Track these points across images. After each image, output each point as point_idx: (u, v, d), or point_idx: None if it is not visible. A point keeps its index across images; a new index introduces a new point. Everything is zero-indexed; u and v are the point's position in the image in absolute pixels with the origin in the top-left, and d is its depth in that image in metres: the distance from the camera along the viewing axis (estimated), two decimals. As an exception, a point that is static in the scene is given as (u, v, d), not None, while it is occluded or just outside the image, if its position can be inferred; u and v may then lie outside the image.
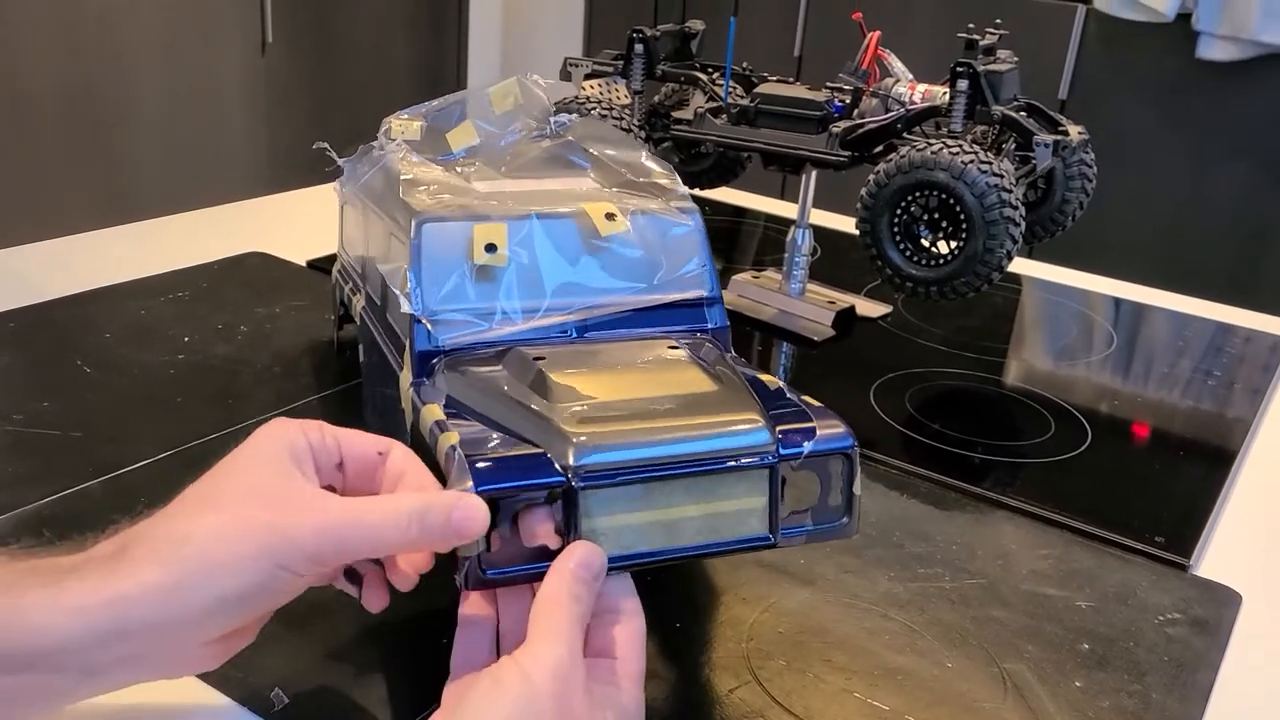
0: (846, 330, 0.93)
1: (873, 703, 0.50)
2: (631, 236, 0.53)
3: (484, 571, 0.42)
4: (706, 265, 0.55)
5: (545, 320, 0.51)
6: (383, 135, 0.61)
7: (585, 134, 0.62)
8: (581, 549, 0.41)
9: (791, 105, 0.86)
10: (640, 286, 0.53)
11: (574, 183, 0.59)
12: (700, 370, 0.48)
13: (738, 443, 0.44)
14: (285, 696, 0.47)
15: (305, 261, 0.98)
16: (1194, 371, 0.92)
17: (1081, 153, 0.85)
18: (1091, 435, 0.78)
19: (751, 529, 0.45)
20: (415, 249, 0.51)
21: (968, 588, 0.59)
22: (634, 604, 0.43)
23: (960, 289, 0.77)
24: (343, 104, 2.72)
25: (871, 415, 0.78)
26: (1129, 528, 0.65)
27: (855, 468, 0.47)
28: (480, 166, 0.60)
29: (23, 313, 0.83)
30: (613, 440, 0.43)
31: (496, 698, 0.37)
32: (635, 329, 0.53)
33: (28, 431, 0.66)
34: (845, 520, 0.47)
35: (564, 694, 0.38)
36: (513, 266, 0.51)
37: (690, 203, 0.56)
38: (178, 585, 0.39)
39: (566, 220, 0.53)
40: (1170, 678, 0.53)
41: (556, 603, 0.40)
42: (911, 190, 0.77)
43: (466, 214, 0.52)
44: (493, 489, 0.41)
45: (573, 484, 0.42)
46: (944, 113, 0.81)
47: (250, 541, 0.39)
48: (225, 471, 0.42)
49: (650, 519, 0.43)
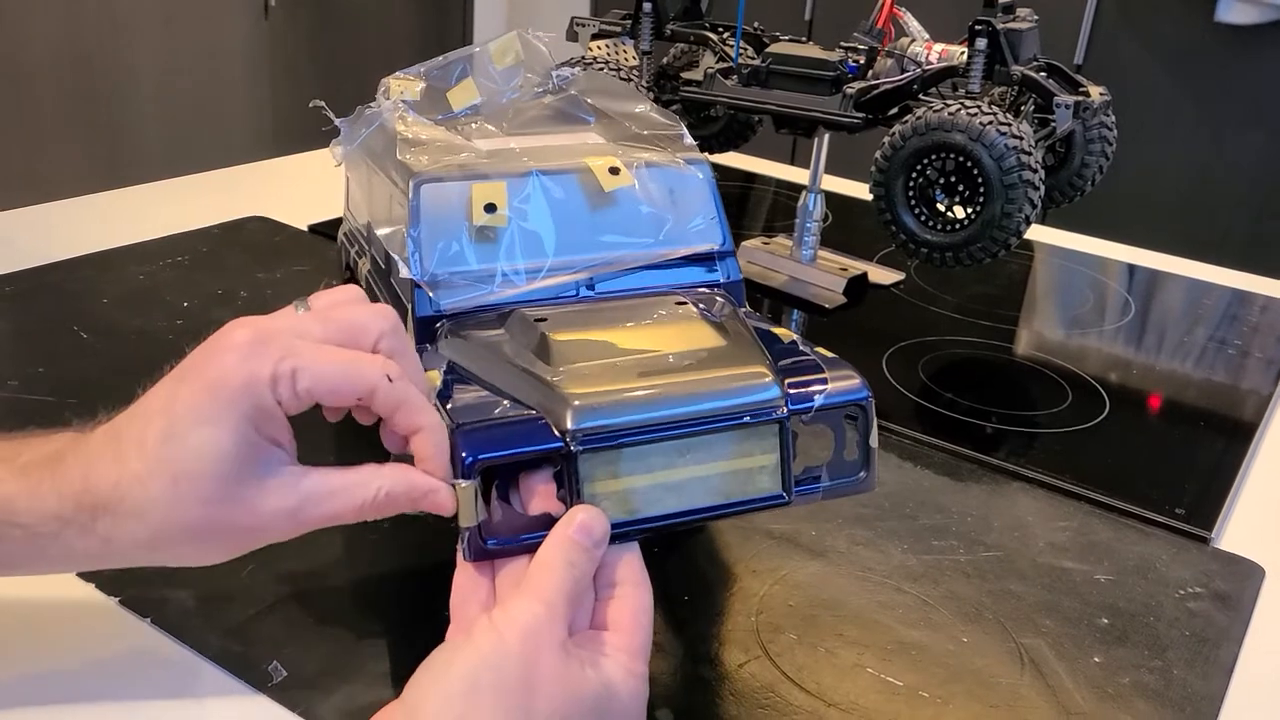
0: (858, 298, 0.91)
1: (886, 678, 0.49)
2: (637, 190, 0.51)
3: (485, 541, 0.41)
4: (716, 217, 0.53)
5: (549, 281, 0.49)
6: (381, 95, 0.59)
7: (588, 88, 0.60)
8: (582, 514, 0.40)
9: (804, 66, 0.83)
10: (648, 241, 0.51)
11: (578, 138, 0.57)
12: (708, 325, 0.47)
13: (745, 399, 0.43)
14: (283, 669, 0.46)
15: (307, 226, 0.96)
16: (1212, 340, 0.90)
17: (1102, 115, 0.83)
18: (1109, 405, 0.76)
19: (763, 488, 0.43)
20: (414, 210, 0.49)
21: (983, 560, 0.57)
22: (640, 576, 0.41)
23: (976, 255, 0.75)
24: (346, 69, 2.69)
25: (884, 384, 0.76)
26: (1149, 500, 0.64)
27: (871, 420, 0.45)
28: (482, 125, 0.58)
29: (19, 277, 0.81)
30: (612, 401, 0.41)
31: (464, 651, 0.37)
32: (645, 286, 0.51)
33: (23, 397, 0.65)
34: (863, 475, 0.46)
35: (532, 654, 0.36)
36: (514, 226, 0.50)
37: (698, 153, 0.54)
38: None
39: (569, 176, 0.51)
40: (1192, 653, 0.52)
41: (546, 566, 0.39)
42: (927, 153, 0.75)
43: (465, 173, 0.50)
44: (486, 458, 0.40)
45: (571, 448, 0.40)
46: (961, 73, 0.78)
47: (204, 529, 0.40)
48: (174, 438, 0.39)
49: (656, 481, 0.42)
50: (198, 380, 0.40)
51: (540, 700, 0.36)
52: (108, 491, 0.39)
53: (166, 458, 0.39)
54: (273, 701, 0.44)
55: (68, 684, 0.45)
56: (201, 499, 0.39)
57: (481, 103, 0.60)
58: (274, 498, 0.40)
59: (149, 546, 0.40)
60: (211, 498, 0.39)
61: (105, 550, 0.40)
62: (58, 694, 0.44)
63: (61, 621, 0.48)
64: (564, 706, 0.37)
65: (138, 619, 0.48)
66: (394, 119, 0.55)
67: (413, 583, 0.52)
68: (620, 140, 0.56)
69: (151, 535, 0.40)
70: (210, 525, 0.40)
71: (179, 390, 0.40)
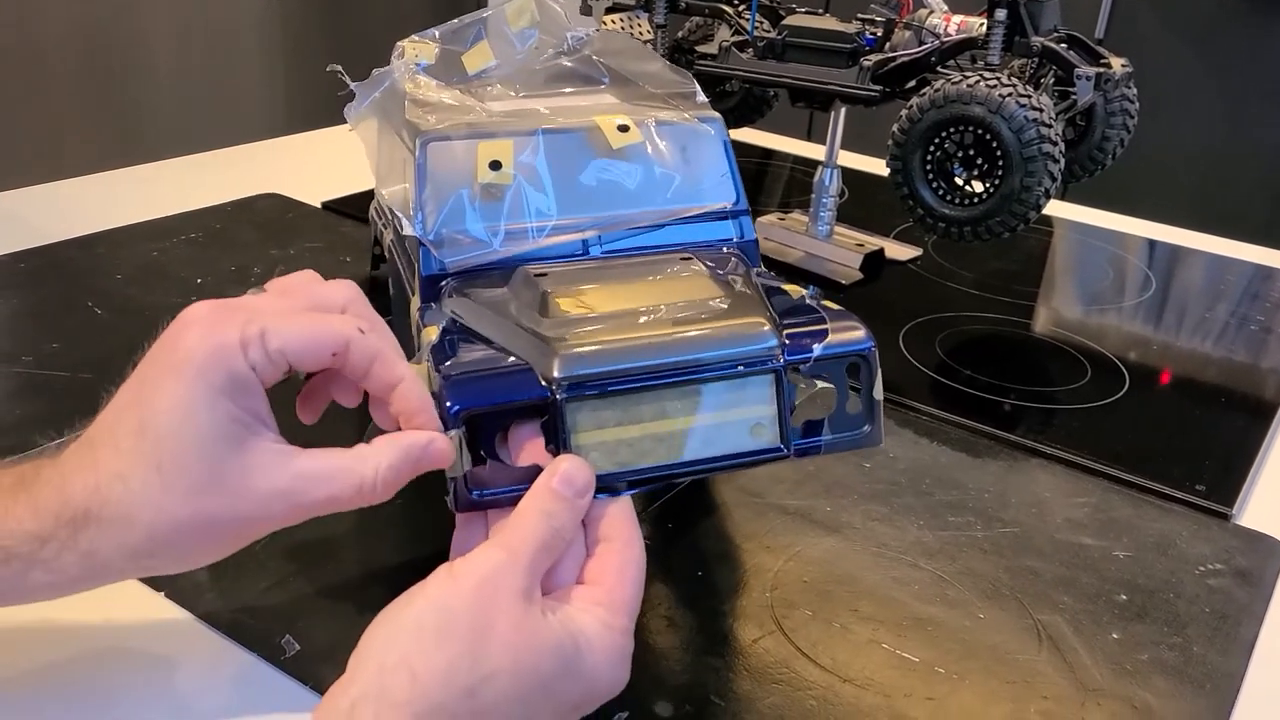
0: (875, 273, 0.90)
1: (901, 654, 0.48)
2: (646, 148, 0.51)
3: (471, 492, 0.40)
4: (729, 174, 0.52)
5: (555, 239, 0.49)
6: (396, 58, 0.58)
7: (603, 48, 0.60)
8: (565, 464, 0.39)
9: (821, 38, 0.82)
10: (657, 199, 0.51)
11: (591, 98, 0.56)
12: (711, 280, 0.46)
13: (738, 349, 0.42)
14: (295, 643, 0.46)
15: (320, 203, 0.96)
16: (1233, 317, 0.89)
17: (1124, 87, 0.81)
18: (1129, 381, 0.76)
19: (760, 440, 0.42)
20: (420, 168, 0.48)
21: (1000, 537, 0.57)
22: (630, 533, 0.40)
23: (995, 229, 0.75)
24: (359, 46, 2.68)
25: (901, 360, 0.76)
26: (1168, 476, 0.63)
27: (875, 371, 0.44)
28: (496, 87, 0.58)
29: (33, 254, 0.81)
30: (598, 349, 0.41)
31: (415, 596, 0.36)
32: (656, 245, 0.50)
33: (37, 373, 0.65)
34: (867, 428, 0.45)
35: (487, 600, 0.35)
36: (520, 184, 0.49)
37: (711, 110, 0.54)
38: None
39: (576, 134, 0.50)
40: (1212, 630, 0.51)
41: (519, 514, 0.38)
42: (946, 125, 0.74)
43: (472, 132, 0.50)
44: (471, 407, 0.40)
45: (557, 397, 0.40)
46: (980, 45, 0.77)
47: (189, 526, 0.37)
48: (150, 427, 0.37)
49: (645, 432, 0.41)
50: (164, 363, 0.37)
51: (494, 646, 0.35)
52: (87, 498, 0.37)
53: (145, 450, 0.37)
54: (285, 675, 0.44)
55: (80, 657, 0.45)
56: (189, 488, 0.37)
57: (496, 66, 0.59)
58: (264, 478, 0.37)
59: (140, 553, 0.38)
60: (198, 484, 0.37)
61: (91, 566, 0.38)
62: (70, 667, 0.44)
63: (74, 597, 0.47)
64: (521, 655, 0.35)
65: (151, 592, 0.48)
66: (405, 81, 0.55)
67: (425, 554, 0.52)
68: (634, 100, 0.55)
69: (142, 539, 0.37)
70: (202, 518, 0.37)
71: (146, 379, 0.38)
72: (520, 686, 0.35)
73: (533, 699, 0.35)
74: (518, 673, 0.35)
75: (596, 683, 0.37)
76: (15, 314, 0.73)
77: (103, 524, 0.37)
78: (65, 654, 0.45)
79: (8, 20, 2.09)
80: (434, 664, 0.34)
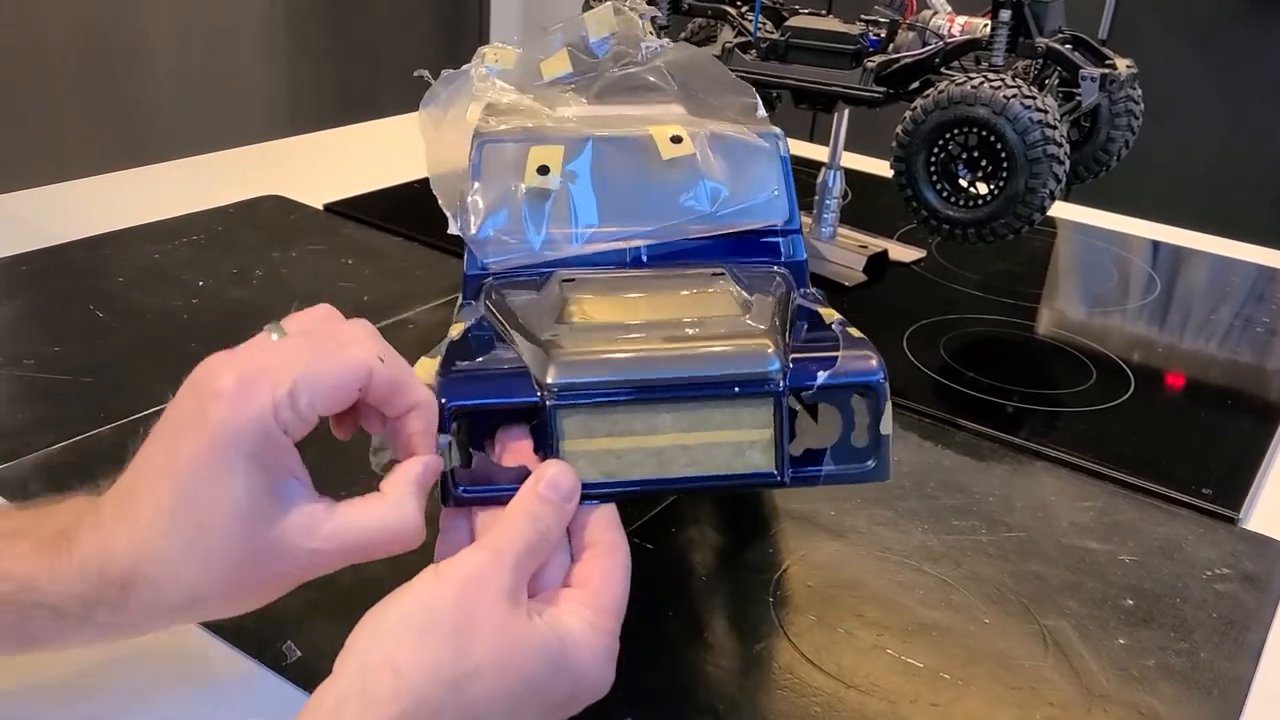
0: (878, 275, 0.90)
1: (906, 660, 0.48)
2: (698, 160, 0.50)
3: (457, 488, 0.40)
4: (784, 193, 0.51)
5: (596, 246, 0.48)
6: (476, 61, 0.59)
7: (674, 59, 0.60)
8: (552, 469, 0.39)
9: (824, 39, 0.82)
10: (706, 213, 0.50)
11: (657, 108, 0.56)
12: (733, 297, 0.46)
13: (736, 368, 0.41)
14: (297, 649, 0.45)
15: (322, 205, 0.96)
16: (1238, 318, 0.89)
17: (1129, 88, 0.81)
18: (1134, 384, 0.75)
19: (753, 464, 0.41)
20: (474, 168, 0.49)
21: (1005, 541, 0.57)
22: (616, 539, 0.40)
23: (999, 231, 0.74)
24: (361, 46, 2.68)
25: (905, 363, 0.75)
26: (1175, 479, 0.63)
27: (884, 404, 0.42)
28: (569, 94, 0.58)
29: (35, 256, 0.81)
30: (594, 359, 0.41)
31: (401, 596, 0.36)
32: (703, 260, 0.49)
33: (39, 376, 0.65)
34: (871, 463, 0.43)
35: (472, 599, 0.35)
36: (568, 190, 0.49)
37: (771, 125, 0.53)
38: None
39: (627, 142, 0.50)
40: (1219, 635, 0.51)
41: (505, 517, 0.38)
42: (950, 127, 0.73)
43: (527, 135, 0.50)
44: (462, 404, 0.40)
45: (547, 403, 0.40)
46: (984, 46, 0.77)
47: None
48: (188, 496, 0.36)
49: (635, 445, 0.41)
50: (197, 434, 0.37)
51: (478, 644, 0.35)
52: (130, 556, 0.37)
53: (184, 516, 0.36)
54: (286, 681, 0.44)
55: (81, 662, 0.45)
56: (230, 553, 0.37)
57: (572, 73, 0.60)
58: (305, 538, 0.37)
59: (184, 608, 0.38)
60: (240, 554, 0.37)
61: (139, 622, 0.38)
62: (68, 672, 0.44)
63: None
64: (506, 654, 0.35)
65: (152, 598, 0.48)
66: (477, 83, 0.55)
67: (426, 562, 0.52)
68: (698, 112, 0.55)
69: (187, 596, 0.37)
70: (246, 572, 0.37)
71: (178, 448, 0.37)
72: (505, 684, 0.35)
73: (518, 698, 0.36)
74: (503, 670, 0.35)
75: (582, 682, 0.37)
76: (17, 316, 0.73)
77: (150, 582, 0.37)
78: (65, 660, 0.45)
79: (9, 20, 2.09)
80: (417, 661, 0.34)
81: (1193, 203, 2.18)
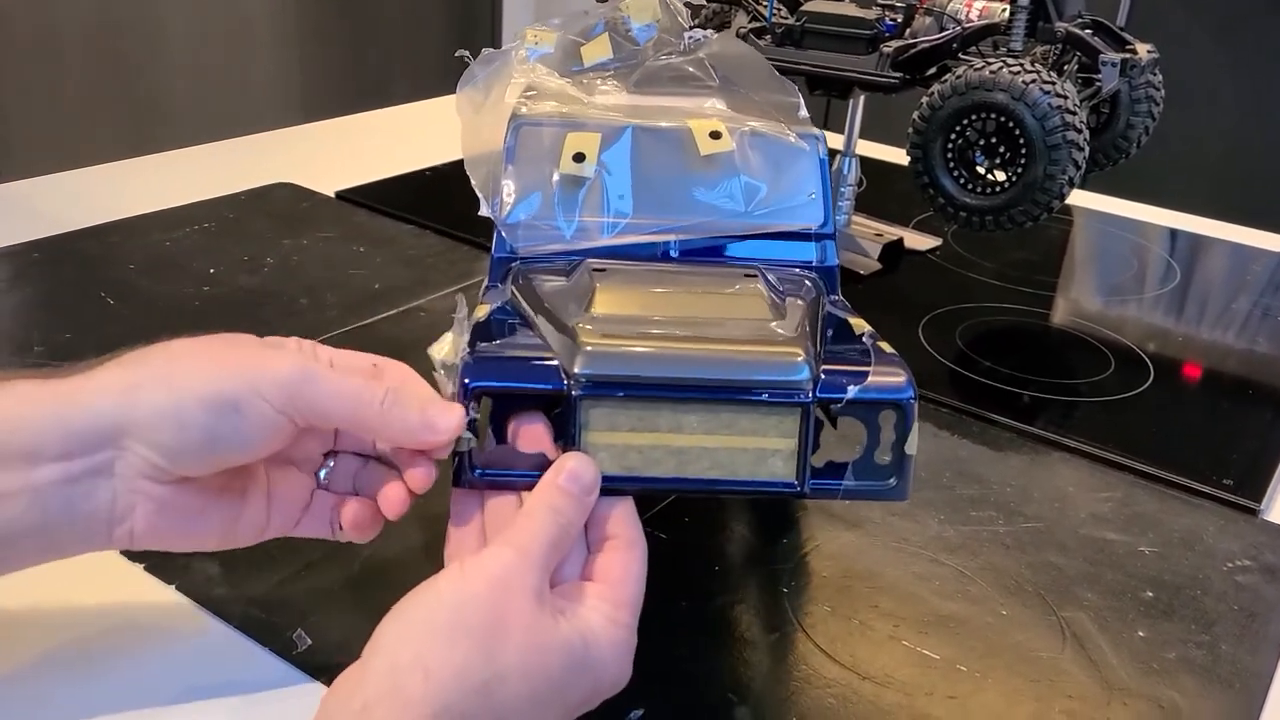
0: (894, 264, 0.89)
1: (922, 651, 0.47)
2: (736, 157, 0.49)
3: (473, 469, 0.40)
4: (820, 195, 0.50)
5: (626, 237, 0.48)
6: (517, 41, 0.58)
7: (718, 51, 0.59)
8: (572, 461, 0.39)
9: (840, 24, 0.81)
10: (740, 212, 0.49)
11: (697, 101, 0.55)
12: (764, 301, 0.45)
13: (766, 375, 0.40)
14: (307, 637, 0.45)
15: (334, 192, 0.95)
16: (1258, 307, 0.88)
17: (1149, 74, 0.80)
18: (1153, 373, 0.74)
19: (774, 472, 0.41)
20: (508, 151, 0.48)
21: (1023, 532, 0.56)
22: (634, 532, 0.40)
23: (1017, 218, 0.73)
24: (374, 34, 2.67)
25: (921, 352, 0.75)
26: (1195, 470, 0.62)
27: (910, 424, 0.41)
28: (608, 81, 0.57)
29: (46, 243, 0.81)
30: (623, 353, 0.40)
31: (426, 594, 0.36)
32: (734, 257, 0.49)
33: (49, 363, 0.64)
34: (892, 481, 0.42)
35: (500, 600, 0.35)
36: (602, 179, 0.48)
37: (811, 127, 0.52)
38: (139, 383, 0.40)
39: (665, 135, 0.49)
40: (1240, 628, 0.50)
41: (528, 513, 0.38)
42: (968, 113, 0.72)
43: (564, 121, 0.49)
44: (484, 386, 0.40)
45: (573, 393, 0.39)
46: (1003, 31, 0.76)
47: (219, 367, 0.40)
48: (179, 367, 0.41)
49: (657, 442, 0.40)
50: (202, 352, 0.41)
51: (507, 645, 0.35)
52: (117, 395, 0.39)
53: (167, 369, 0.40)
54: (296, 670, 0.44)
55: (91, 649, 0.44)
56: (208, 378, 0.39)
57: (613, 59, 0.59)
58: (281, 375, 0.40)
59: (163, 469, 0.39)
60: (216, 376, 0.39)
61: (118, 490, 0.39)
62: (82, 660, 0.44)
63: (87, 588, 0.47)
64: (534, 655, 0.35)
65: (163, 585, 0.48)
66: (517, 65, 0.55)
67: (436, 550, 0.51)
68: (739, 107, 0.54)
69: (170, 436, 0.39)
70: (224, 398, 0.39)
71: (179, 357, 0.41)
72: (532, 686, 0.35)
73: (543, 698, 0.35)
74: (529, 673, 0.35)
75: (602, 678, 0.37)
76: (28, 303, 0.73)
77: (138, 428, 0.39)
78: (75, 645, 0.45)
79: (23, 10, 2.09)
80: (448, 662, 0.34)
81: (1211, 191, 2.16)
